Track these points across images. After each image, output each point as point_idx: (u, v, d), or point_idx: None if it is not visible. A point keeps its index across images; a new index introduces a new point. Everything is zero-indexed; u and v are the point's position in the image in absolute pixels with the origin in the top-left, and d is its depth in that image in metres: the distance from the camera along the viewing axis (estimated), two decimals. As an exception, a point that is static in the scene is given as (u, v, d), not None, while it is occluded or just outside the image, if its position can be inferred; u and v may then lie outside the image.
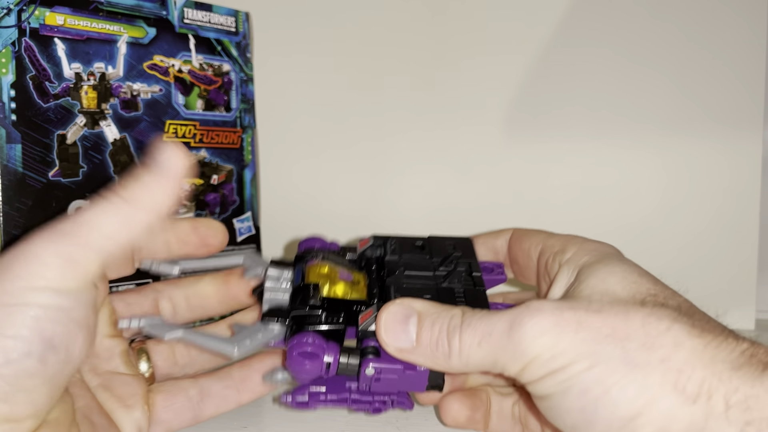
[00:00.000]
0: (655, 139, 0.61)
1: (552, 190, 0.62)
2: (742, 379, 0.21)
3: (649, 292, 0.26)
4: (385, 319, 0.27)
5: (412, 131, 0.64)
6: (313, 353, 0.28)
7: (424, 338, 0.27)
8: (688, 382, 0.22)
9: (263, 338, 0.30)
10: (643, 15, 0.60)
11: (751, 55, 0.59)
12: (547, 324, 0.23)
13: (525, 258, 0.33)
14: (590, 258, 0.28)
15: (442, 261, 0.33)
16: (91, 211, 0.24)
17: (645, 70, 0.60)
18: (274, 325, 0.30)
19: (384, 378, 0.28)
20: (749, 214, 0.59)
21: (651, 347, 0.23)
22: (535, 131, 0.62)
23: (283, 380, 0.31)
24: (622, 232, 0.61)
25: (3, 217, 0.38)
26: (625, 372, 0.22)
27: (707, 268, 0.60)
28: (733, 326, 0.26)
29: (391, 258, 0.33)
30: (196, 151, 0.48)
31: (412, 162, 0.65)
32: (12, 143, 0.39)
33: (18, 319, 0.22)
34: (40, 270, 0.23)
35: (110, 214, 0.24)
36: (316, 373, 0.28)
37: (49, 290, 0.22)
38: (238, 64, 0.51)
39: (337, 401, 0.29)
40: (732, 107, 0.59)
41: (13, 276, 0.22)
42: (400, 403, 0.30)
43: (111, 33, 0.43)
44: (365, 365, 0.28)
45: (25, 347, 0.22)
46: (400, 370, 0.28)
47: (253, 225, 0.52)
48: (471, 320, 0.26)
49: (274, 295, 0.31)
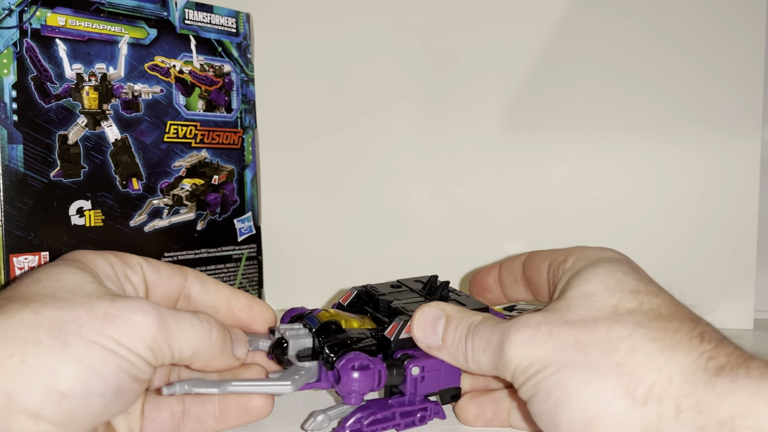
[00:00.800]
0: (655, 139, 0.61)
1: (552, 189, 0.62)
2: (694, 384, 0.22)
3: (632, 289, 0.26)
4: (418, 318, 0.31)
5: (413, 130, 0.65)
6: (364, 365, 0.30)
7: (449, 339, 0.30)
8: (639, 385, 0.22)
9: (306, 374, 0.32)
10: (642, 16, 0.60)
11: (750, 55, 0.59)
12: (526, 336, 0.26)
13: (537, 275, 0.34)
14: (585, 263, 0.29)
15: (424, 287, 0.38)
16: (202, 323, 0.28)
17: (644, 71, 0.61)
18: (310, 363, 0.32)
19: (428, 375, 0.32)
20: (748, 214, 0.59)
21: (610, 353, 0.23)
22: (535, 131, 0.63)
23: (322, 422, 0.32)
24: (621, 232, 0.61)
25: (5, 217, 0.39)
26: (584, 376, 0.23)
27: (706, 267, 0.60)
28: (732, 326, 0.26)
29: (382, 295, 0.37)
30: (197, 151, 0.48)
31: (412, 161, 0.65)
32: (13, 143, 0.39)
33: (109, 364, 0.24)
34: (137, 333, 0.25)
35: (206, 342, 0.28)
36: (369, 384, 0.30)
37: (134, 355, 0.25)
38: (238, 65, 0.51)
39: (387, 421, 0.32)
40: (731, 107, 0.59)
41: (113, 322, 0.25)
42: (436, 413, 0.33)
43: (112, 34, 0.43)
44: (409, 367, 0.31)
45: (102, 389, 0.24)
46: (439, 362, 0.32)
47: (254, 225, 0.53)
48: (479, 329, 0.29)
49: (297, 341, 0.33)
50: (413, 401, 0.32)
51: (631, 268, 0.28)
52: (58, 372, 0.23)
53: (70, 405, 0.23)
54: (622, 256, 0.30)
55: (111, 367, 0.24)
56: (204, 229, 0.49)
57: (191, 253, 0.48)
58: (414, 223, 0.65)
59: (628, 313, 0.25)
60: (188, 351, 0.27)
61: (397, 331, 0.32)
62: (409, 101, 0.64)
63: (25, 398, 0.22)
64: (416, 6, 0.64)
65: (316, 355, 0.32)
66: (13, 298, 0.25)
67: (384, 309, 0.36)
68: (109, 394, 0.24)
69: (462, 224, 0.64)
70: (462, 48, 0.63)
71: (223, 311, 0.33)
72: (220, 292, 0.33)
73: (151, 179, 0.46)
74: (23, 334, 0.23)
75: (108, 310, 0.25)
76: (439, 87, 0.64)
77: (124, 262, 0.30)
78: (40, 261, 0.40)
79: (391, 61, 0.64)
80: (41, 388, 0.22)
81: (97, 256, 0.29)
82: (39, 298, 0.25)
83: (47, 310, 0.24)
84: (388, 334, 0.33)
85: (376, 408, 0.32)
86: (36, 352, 0.23)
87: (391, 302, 0.36)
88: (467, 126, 0.64)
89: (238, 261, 0.51)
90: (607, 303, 0.26)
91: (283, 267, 0.67)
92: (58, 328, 0.23)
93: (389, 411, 0.32)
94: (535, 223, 0.63)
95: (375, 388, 0.31)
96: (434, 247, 0.65)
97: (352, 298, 0.38)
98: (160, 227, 0.46)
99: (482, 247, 0.64)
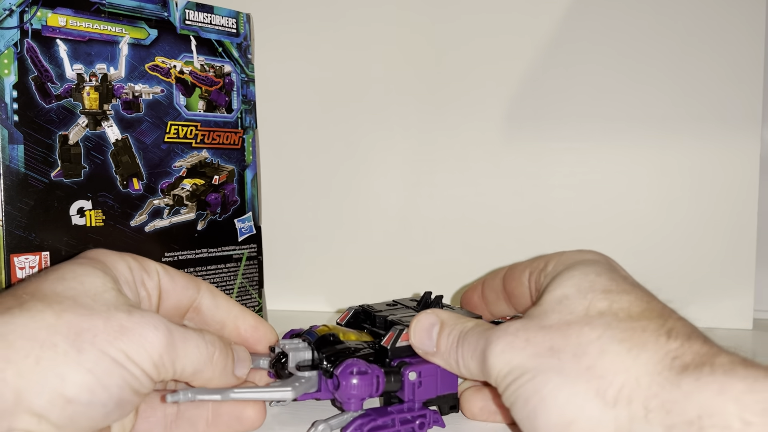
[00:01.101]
0: (655, 138, 0.61)
1: (552, 189, 0.62)
2: (660, 383, 0.22)
3: (603, 289, 0.26)
4: (415, 325, 0.32)
5: (414, 131, 0.65)
6: (363, 371, 0.31)
7: (442, 345, 0.31)
8: (609, 387, 0.22)
9: (307, 383, 0.33)
10: (643, 15, 0.60)
11: (749, 55, 0.59)
12: (505, 344, 0.26)
13: (519, 286, 0.34)
14: (563, 267, 0.30)
15: (419, 303, 0.39)
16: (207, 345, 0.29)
17: (644, 71, 0.61)
18: (310, 373, 0.33)
19: (425, 380, 0.32)
20: (747, 214, 0.59)
21: (581, 356, 0.24)
22: (535, 131, 0.63)
23: (327, 429, 0.33)
24: (621, 231, 0.61)
25: (5, 217, 0.39)
26: (558, 381, 0.24)
27: (706, 267, 0.60)
28: (732, 326, 0.26)
29: (378, 312, 0.38)
30: (197, 151, 0.49)
31: (413, 161, 0.65)
32: (14, 144, 0.39)
33: (115, 376, 0.25)
34: (146, 349, 0.26)
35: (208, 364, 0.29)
36: (368, 390, 0.31)
37: (140, 370, 0.25)
38: (239, 66, 0.51)
39: (386, 428, 0.32)
40: (731, 107, 0.59)
41: (126, 335, 0.25)
42: (435, 421, 0.34)
43: (113, 34, 0.43)
44: (406, 373, 0.32)
45: (105, 400, 0.24)
46: (436, 367, 0.32)
47: (254, 225, 0.53)
48: (468, 335, 0.29)
49: (296, 353, 0.34)
50: (412, 408, 0.33)
51: (606, 268, 0.28)
52: (68, 378, 0.24)
53: (73, 410, 0.24)
54: (600, 257, 0.30)
55: (117, 380, 0.25)
56: (204, 229, 0.49)
57: (192, 253, 0.48)
58: (414, 223, 0.65)
59: (598, 315, 0.25)
60: (190, 370, 0.28)
61: (393, 340, 0.33)
62: (410, 101, 0.64)
63: (33, 398, 0.23)
64: (416, 5, 0.64)
65: (316, 367, 0.33)
66: (38, 295, 0.26)
67: (380, 323, 0.37)
68: (111, 405, 0.25)
69: (462, 224, 0.64)
70: (462, 48, 0.63)
71: (229, 328, 0.34)
72: (230, 310, 0.34)
73: (151, 179, 0.46)
74: (42, 337, 0.24)
75: (123, 322, 0.26)
76: (440, 87, 0.64)
77: (143, 268, 0.31)
78: (40, 261, 0.40)
79: (392, 60, 0.64)
80: (50, 391, 0.23)
81: (119, 260, 0.30)
82: (61, 300, 0.26)
83: (68, 315, 0.25)
84: (384, 343, 0.34)
85: (376, 415, 0.32)
86: (51, 356, 0.24)
87: (387, 317, 0.37)
88: (467, 126, 0.64)
89: (238, 261, 0.51)
90: (579, 305, 0.26)
91: (283, 267, 0.67)
92: (75, 335, 0.24)
93: (388, 418, 0.32)
94: (536, 223, 0.63)
95: (373, 394, 0.32)
96: (434, 247, 0.65)
97: (349, 317, 0.40)
98: (160, 227, 0.46)
99: (482, 246, 0.64)
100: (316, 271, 0.67)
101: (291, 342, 0.35)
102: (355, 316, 0.40)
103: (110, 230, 0.43)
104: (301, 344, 0.34)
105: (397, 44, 0.64)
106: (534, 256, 0.65)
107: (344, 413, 0.33)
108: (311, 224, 0.67)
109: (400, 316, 0.36)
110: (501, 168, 0.63)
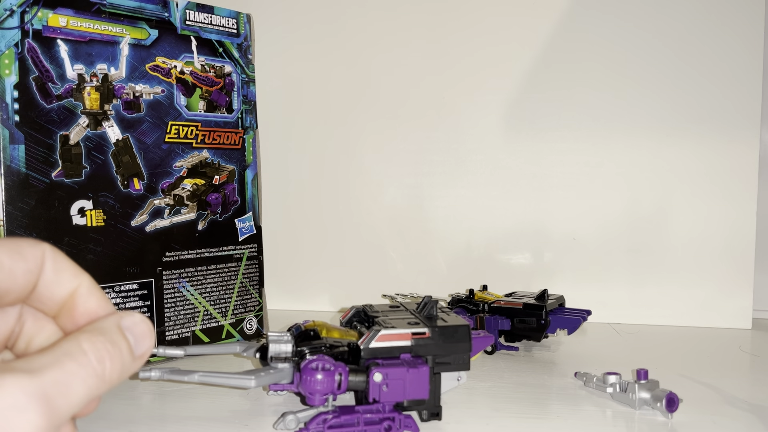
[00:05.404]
0: (654, 139, 0.61)
1: (551, 189, 0.63)
2: None
3: None
4: None
5: (414, 131, 0.65)
6: (325, 368, 0.32)
7: None
8: None
9: (275, 373, 0.34)
10: (643, 18, 0.61)
11: (748, 57, 0.59)
12: None
13: None
14: None
15: (418, 307, 0.39)
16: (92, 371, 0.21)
17: (644, 72, 0.61)
18: (283, 364, 0.34)
19: (391, 382, 0.33)
20: (746, 214, 0.60)
21: None
22: (535, 131, 0.63)
23: (290, 422, 0.34)
24: (620, 232, 0.61)
25: (6, 217, 0.39)
26: None
27: (705, 267, 0.60)
28: (731, 325, 0.26)
29: (375, 313, 0.39)
30: (198, 151, 0.49)
31: (414, 162, 0.65)
32: (15, 144, 0.39)
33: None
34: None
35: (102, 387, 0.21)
36: (330, 386, 0.32)
37: None
38: (239, 66, 0.51)
39: (350, 426, 0.33)
40: (730, 108, 0.60)
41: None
42: (407, 426, 0.33)
43: (113, 35, 0.44)
44: (372, 374, 0.32)
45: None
46: (404, 370, 0.33)
47: (254, 225, 0.53)
48: None
49: (277, 346, 0.35)
50: (381, 410, 0.33)
51: None
52: None
53: None
54: None
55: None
56: (205, 228, 0.49)
57: (192, 252, 0.48)
58: (415, 223, 0.65)
59: None
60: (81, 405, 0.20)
61: (367, 340, 0.34)
62: (410, 102, 0.65)
63: None
64: (416, 6, 0.64)
65: (293, 357, 0.34)
66: None
67: (371, 324, 0.38)
68: None
69: (463, 223, 0.64)
70: (462, 48, 0.63)
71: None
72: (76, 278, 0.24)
73: (152, 179, 0.46)
74: None
75: None
76: (440, 88, 0.64)
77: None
78: (41, 261, 0.40)
79: (392, 60, 0.64)
80: None
81: None
82: None
83: None
84: (360, 343, 0.34)
85: (341, 412, 0.33)
86: None
87: (376, 318, 0.37)
88: (467, 127, 0.64)
89: (239, 261, 0.51)
90: None
91: (283, 267, 0.67)
92: None
93: (353, 416, 0.33)
94: (536, 223, 0.63)
95: (335, 391, 0.32)
96: (435, 246, 0.65)
97: (350, 315, 0.40)
98: (161, 227, 0.46)
99: (483, 246, 0.64)
100: (319, 271, 0.67)
101: (277, 334, 0.35)
102: (356, 315, 0.40)
103: (111, 230, 0.43)
104: (286, 337, 0.35)
105: (396, 44, 0.64)
106: (534, 256, 0.65)
107: (311, 408, 0.33)
108: (312, 224, 0.67)
109: (389, 318, 0.37)
110: (501, 169, 0.63)
